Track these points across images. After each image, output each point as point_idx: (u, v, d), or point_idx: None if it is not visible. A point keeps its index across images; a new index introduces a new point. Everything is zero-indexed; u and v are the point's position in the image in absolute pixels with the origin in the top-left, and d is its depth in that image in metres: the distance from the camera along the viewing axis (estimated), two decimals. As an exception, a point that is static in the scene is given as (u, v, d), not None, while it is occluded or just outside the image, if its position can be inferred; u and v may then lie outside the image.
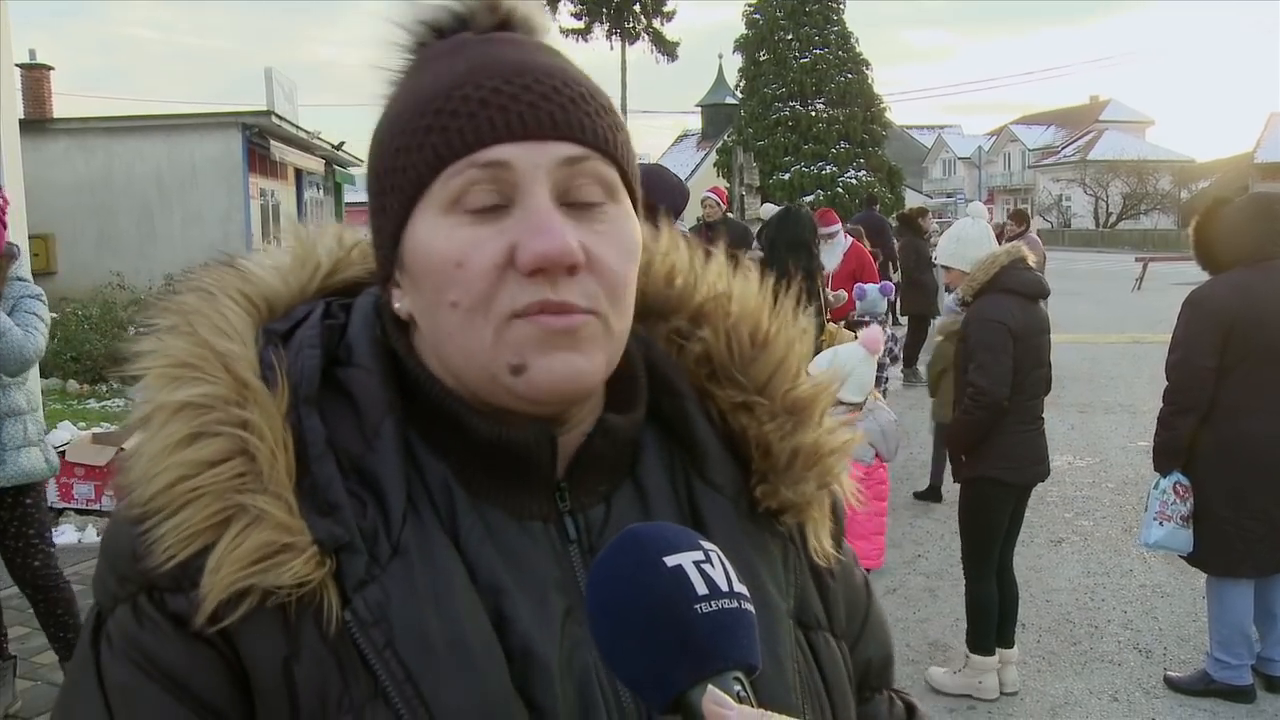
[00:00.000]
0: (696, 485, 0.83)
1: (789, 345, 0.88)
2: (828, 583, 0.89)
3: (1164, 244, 44.05)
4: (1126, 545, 6.13)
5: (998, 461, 4.08)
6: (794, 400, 0.86)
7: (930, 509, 6.74)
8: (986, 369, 3.97)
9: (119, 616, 0.72)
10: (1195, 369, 4.02)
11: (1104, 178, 55.90)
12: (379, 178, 0.76)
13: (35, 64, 16.05)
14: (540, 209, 0.71)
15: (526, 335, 0.71)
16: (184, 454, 0.71)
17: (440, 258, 0.72)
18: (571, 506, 0.79)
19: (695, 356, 0.87)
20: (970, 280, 4.13)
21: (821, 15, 36.65)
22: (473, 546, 0.74)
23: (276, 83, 16.71)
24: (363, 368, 0.78)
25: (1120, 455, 8.33)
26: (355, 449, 0.74)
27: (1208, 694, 4.18)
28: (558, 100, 0.73)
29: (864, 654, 0.94)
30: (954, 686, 4.25)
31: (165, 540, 0.69)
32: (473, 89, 0.72)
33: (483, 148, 0.71)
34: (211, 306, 0.78)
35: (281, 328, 0.80)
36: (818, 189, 32.94)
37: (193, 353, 0.75)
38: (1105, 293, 23.45)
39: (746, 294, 0.89)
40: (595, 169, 0.74)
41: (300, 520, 0.69)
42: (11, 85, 6.97)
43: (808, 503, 0.85)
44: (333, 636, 0.68)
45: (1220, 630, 4.18)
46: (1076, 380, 11.68)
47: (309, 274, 0.86)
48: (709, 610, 0.60)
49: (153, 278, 12.74)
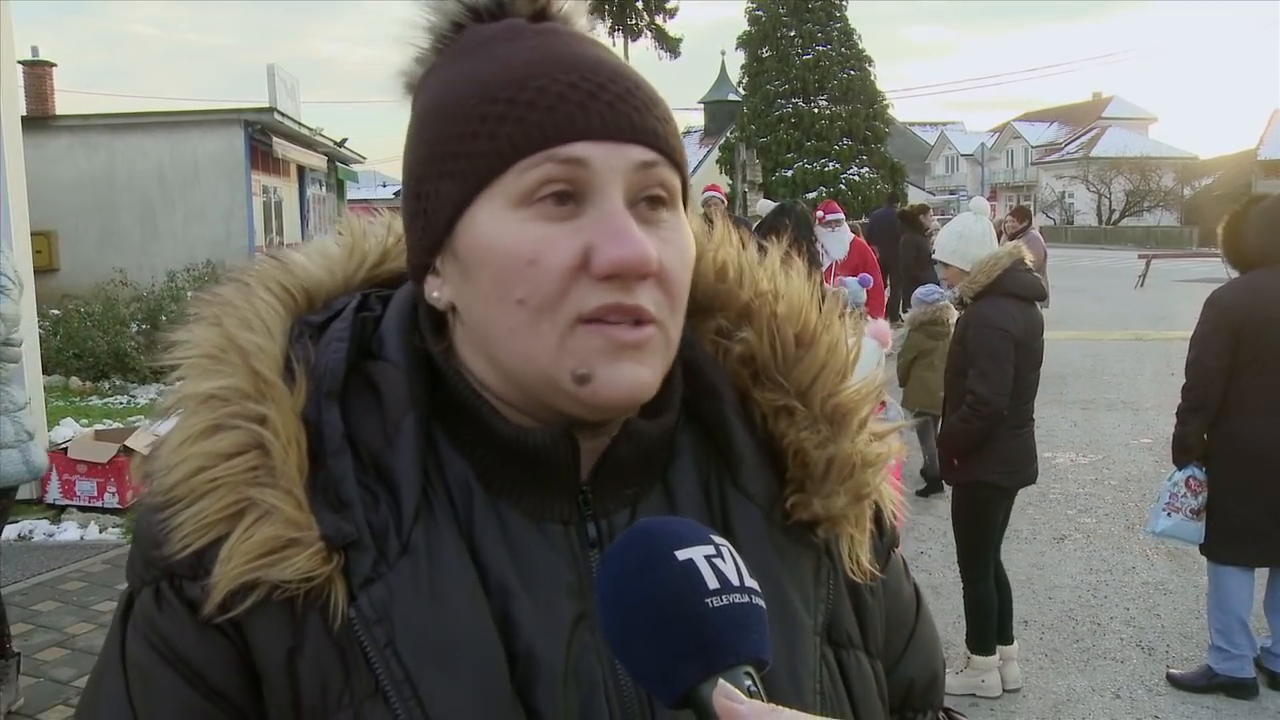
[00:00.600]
0: (730, 492, 0.81)
1: (833, 347, 0.85)
2: (865, 600, 0.86)
3: (1167, 241, 44.02)
4: (1129, 542, 6.13)
5: (995, 466, 4.09)
6: (834, 406, 0.83)
7: (932, 505, 6.73)
8: (990, 377, 3.96)
9: (144, 599, 0.74)
10: (1206, 368, 4.12)
11: (1107, 175, 55.81)
12: (430, 161, 0.73)
13: (38, 61, 16.08)
14: (616, 212, 0.70)
15: (593, 344, 0.70)
16: (203, 445, 0.71)
17: (510, 252, 0.70)
18: (595, 511, 0.77)
19: (738, 357, 0.85)
20: (971, 281, 4.10)
21: (824, 12, 36.60)
22: (486, 547, 0.73)
23: (279, 79, 16.73)
24: (391, 362, 0.77)
25: (1123, 452, 8.31)
26: (377, 444, 0.74)
27: (1211, 690, 4.19)
28: (633, 102, 0.72)
29: (906, 672, 0.91)
30: (956, 686, 4.25)
31: (184, 528, 0.70)
32: (549, 81, 0.71)
33: (562, 143, 0.69)
34: (244, 298, 0.78)
35: (318, 319, 0.80)
36: (820, 186, 32.90)
37: (218, 344, 0.75)
38: (1108, 290, 23.40)
39: (793, 292, 0.86)
40: (664, 176, 0.73)
41: (310, 515, 0.69)
42: (14, 82, 6.96)
43: (841, 516, 0.82)
44: (337, 632, 0.69)
45: (1220, 618, 4.22)
46: (1079, 377, 11.67)
47: (355, 265, 0.85)
48: (720, 604, 0.60)
49: (155, 274, 12.77)
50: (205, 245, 14.13)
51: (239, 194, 15.33)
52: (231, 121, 15.50)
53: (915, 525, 6.38)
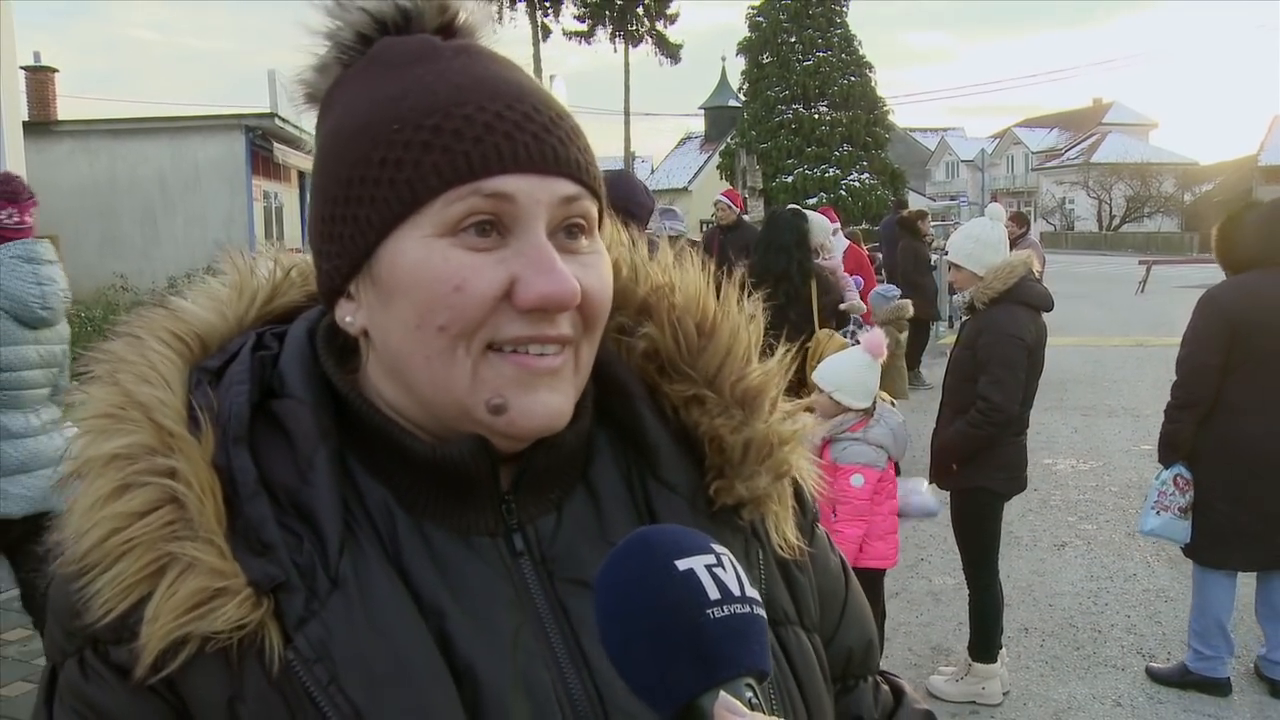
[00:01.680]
0: (652, 485, 0.82)
1: (734, 332, 0.86)
2: (795, 576, 0.88)
3: (1167, 247, 44.05)
4: (1130, 549, 6.12)
5: (994, 472, 4.10)
6: (744, 390, 0.84)
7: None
8: (1004, 384, 3.96)
9: (68, 671, 0.73)
10: (1200, 366, 4.12)
11: (1107, 180, 55.83)
12: (349, 184, 0.72)
13: (40, 66, 16.09)
14: (541, 245, 0.71)
15: (505, 374, 0.71)
16: (114, 507, 0.70)
17: (436, 279, 0.70)
18: (519, 519, 0.78)
19: (642, 352, 0.86)
20: (985, 287, 4.08)
21: (824, 18, 36.71)
22: (415, 570, 0.73)
23: (280, 85, 16.73)
24: (295, 398, 0.76)
25: (1124, 459, 8.30)
26: (292, 483, 0.73)
27: (1185, 686, 4.29)
28: (557, 134, 0.73)
29: (844, 642, 0.93)
30: (956, 694, 4.24)
31: (103, 594, 0.69)
32: (475, 110, 0.71)
33: (489, 175, 0.70)
34: (137, 352, 0.77)
35: (214, 364, 0.78)
36: (821, 192, 32.94)
37: (115, 403, 0.74)
38: (1109, 296, 23.41)
39: (689, 283, 0.87)
40: (585, 207, 0.74)
41: (234, 563, 0.68)
42: (15, 87, 6.98)
43: (764, 496, 0.83)
44: (276, 676, 0.68)
45: (1199, 621, 4.27)
46: (1080, 383, 11.65)
47: (247, 304, 0.84)
48: (721, 615, 0.59)
49: (156, 279, 12.77)
50: (206, 250, 14.10)
51: (240, 199, 15.32)
52: (232, 127, 15.51)
53: (915, 532, 6.37)
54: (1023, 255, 4.21)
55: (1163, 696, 4.27)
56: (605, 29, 38.39)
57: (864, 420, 3.86)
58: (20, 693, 4.11)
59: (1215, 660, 4.24)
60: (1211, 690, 4.23)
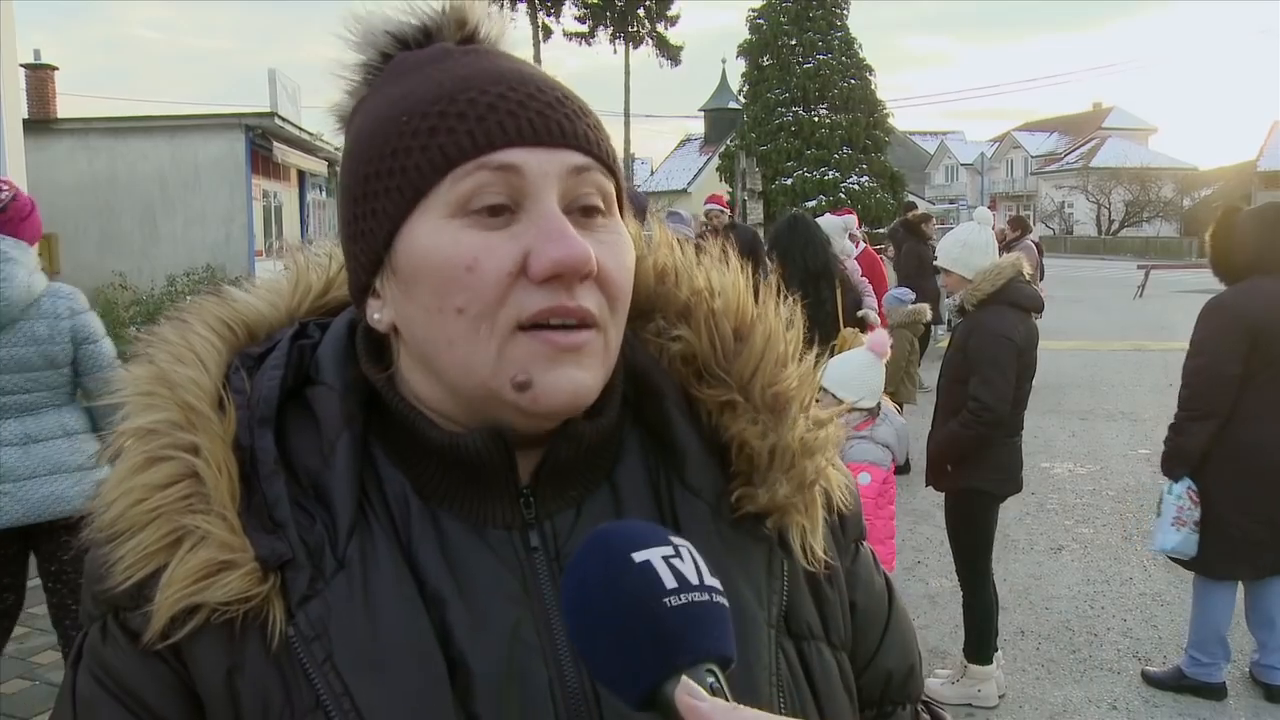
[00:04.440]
0: (677, 490, 0.81)
1: (769, 337, 0.85)
2: (825, 591, 0.85)
3: (1166, 252, 44.06)
4: (1127, 553, 6.13)
5: (989, 474, 4.10)
6: (774, 396, 0.83)
7: (929, 515, 6.72)
8: (993, 385, 3.97)
9: (91, 634, 0.76)
10: (1219, 375, 3.98)
11: (1106, 185, 55.85)
12: (366, 181, 0.74)
13: (40, 64, 16.07)
14: (553, 215, 0.71)
15: (532, 351, 0.71)
16: (141, 478, 0.73)
17: (448, 260, 0.70)
18: (537, 514, 0.78)
19: (679, 355, 0.85)
20: (974, 289, 4.11)
21: (825, 21, 36.68)
22: (423, 557, 0.74)
23: (280, 84, 16.73)
24: (326, 384, 0.79)
25: (1121, 463, 8.31)
26: (315, 465, 0.76)
27: (1181, 690, 4.29)
28: (563, 110, 0.73)
29: (884, 665, 0.90)
30: (952, 696, 4.24)
31: (125, 560, 0.72)
32: (478, 93, 0.72)
33: (494, 150, 0.70)
34: (180, 335, 0.81)
35: (257, 351, 0.82)
36: (820, 194, 32.93)
37: (150, 380, 0.77)
38: (1107, 300, 23.42)
39: (728, 286, 0.86)
40: (598, 180, 0.74)
41: (243, 538, 0.71)
42: (15, 85, 6.98)
43: (788, 505, 0.81)
44: (276, 650, 0.70)
45: (1200, 631, 4.26)
46: (1078, 387, 11.67)
47: (300, 297, 0.88)
48: (679, 603, 0.60)
49: (155, 278, 12.77)
50: (205, 249, 14.13)
51: (239, 198, 15.30)
52: (232, 126, 15.49)
53: (912, 535, 6.38)
54: (1011, 258, 4.23)
55: (1158, 700, 4.28)
56: (606, 30, 38.46)
57: (870, 419, 3.90)
58: (18, 690, 4.11)
59: (1212, 667, 4.25)
60: (1207, 694, 4.24)
